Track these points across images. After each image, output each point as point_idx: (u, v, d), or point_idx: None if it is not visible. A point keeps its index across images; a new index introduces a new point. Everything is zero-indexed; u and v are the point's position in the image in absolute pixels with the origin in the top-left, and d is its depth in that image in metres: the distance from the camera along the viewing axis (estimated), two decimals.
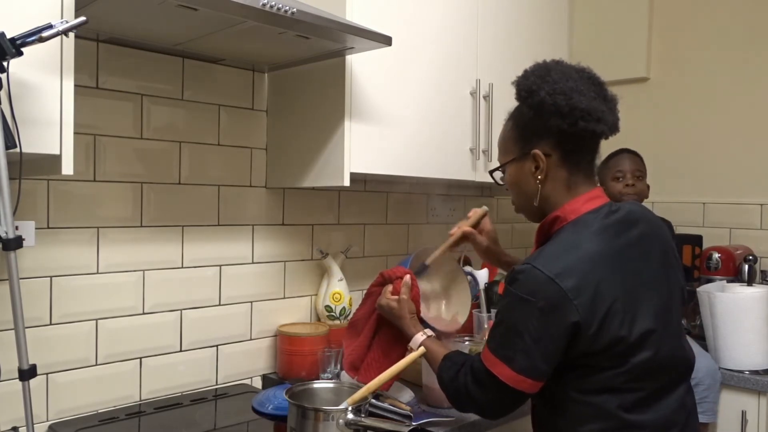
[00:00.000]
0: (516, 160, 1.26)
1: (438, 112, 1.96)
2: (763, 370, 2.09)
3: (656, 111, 2.90)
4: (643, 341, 1.11)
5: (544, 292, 1.09)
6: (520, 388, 1.14)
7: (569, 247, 1.14)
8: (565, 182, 1.22)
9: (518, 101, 1.24)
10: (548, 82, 1.17)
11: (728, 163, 2.71)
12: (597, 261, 1.12)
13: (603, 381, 1.12)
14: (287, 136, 1.90)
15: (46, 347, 1.54)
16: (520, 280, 1.13)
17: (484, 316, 1.98)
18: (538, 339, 1.10)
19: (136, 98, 1.68)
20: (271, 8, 1.32)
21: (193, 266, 1.80)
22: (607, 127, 1.18)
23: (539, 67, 1.22)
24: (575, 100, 1.15)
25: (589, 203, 1.20)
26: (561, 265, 1.10)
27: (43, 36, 1.07)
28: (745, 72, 2.66)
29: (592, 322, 1.08)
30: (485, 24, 2.12)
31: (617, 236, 1.16)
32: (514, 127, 1.27)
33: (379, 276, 1.63)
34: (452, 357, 1.32)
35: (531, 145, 1.22)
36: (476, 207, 1.64)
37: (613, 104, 1.22)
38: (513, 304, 1.14)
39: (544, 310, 1.09)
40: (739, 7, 2.67)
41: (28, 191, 1.50)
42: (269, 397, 1.66)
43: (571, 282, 1.08)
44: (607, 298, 1.09)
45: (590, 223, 1.17)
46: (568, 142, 1.20)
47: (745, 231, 2.66)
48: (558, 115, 1.16)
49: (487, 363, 1.17)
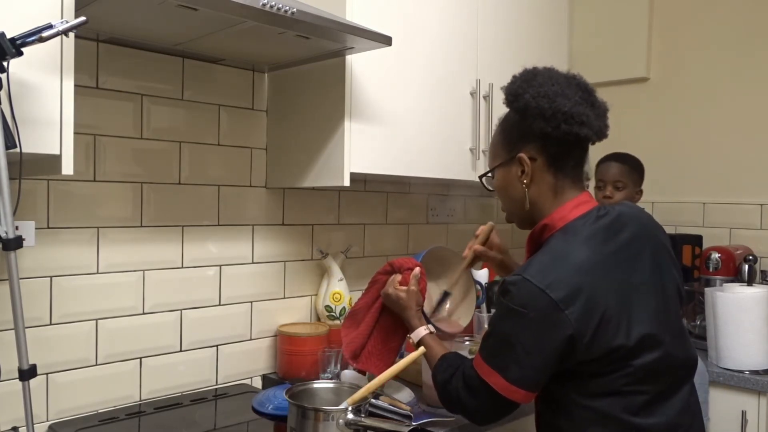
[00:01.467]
0: (503, 165, 1.26)
1: (438, 112, 1.97)
2: (763, 370, 2.09)
3: (656, 111, 2.89)
4: (643, 345, 1.11)
5: (535, 303, 1.09)
6: (512, 398, 1.14)
7: (559, 257, 1.13)
8: (552, 187, 1.22)
9: (506, 106, 1.25)
10: (533, 86, 1.18)
11: (728, 163, 2.70)
12: (587, 270, 1.11)
13: (606, 384, 1.12)
14: (287, 136, 1.90)
15: (46, 347, 1.54)
16: (512, 292, 1.12)
17: (484, 316, 1.99)
18: (531, 351, 1.10)
19: (136, 98, 1.68)
20: (271, 8, 1.32)
21: (193, 266, 1.80)
22: (592, 131, 1.18)
23: (526, 72, 1.23)
24: (558, 103, 1.15)
25: (576, 209, 1.20)
26: (552, 276, 1.10)
27: (43, 36, 1.07)
28: (745, 72, 2.65)
29: (585, 331, 1.08)
30: (485, 24, 2.12)
31: (606, 242, 1.16)
32: (501, 132, 1.28)
33: (387, 265, 1.63)
34: (449, 358, 1.32)
35: (517, 149, 1.23)
36: (476, 207, 1.64)
37: (602, 111, 1.22)
38: (505, 315, 1.14)
39: (536, 321, 1.09)
40: (739, 7, 2.67)
41: (28, 191, 1.50)
42: (269, 397, 1.66)
43: (562, 292, 1.08)
44: (599, 306, 1.09)
45: (579, 229, 1.17)
46: (552, 146, 1.20)
47: (745, 231, 2.66)
48: (541, 118, 1.16)
49: (480, 371, 1.17)
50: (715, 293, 2.15)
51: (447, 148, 2.00)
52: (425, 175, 1.95)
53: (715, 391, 2.13)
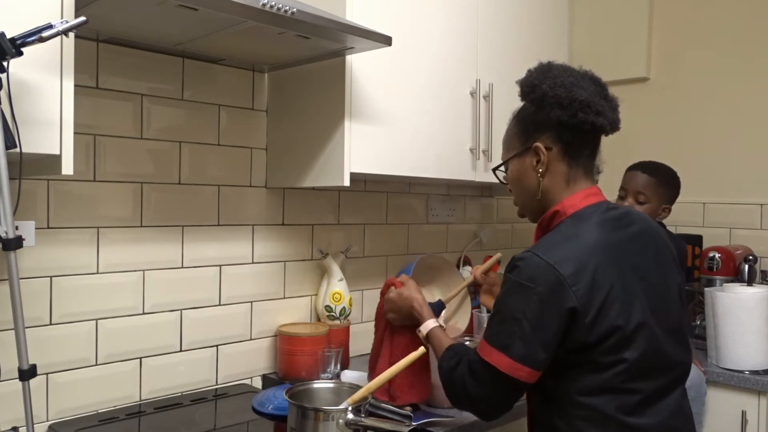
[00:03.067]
0: (518, 156, 1.29)
1: (438, 112, 1.97)
2: (763, 370, 2.09)
3: (656, 111, 2.89)
4: (636, 334, 1.12)
5: (543, 277, 1.11)
6: (517, 377, 1.13)
7: (568, 237, 1.16)
8: (565, 177, 1.25)
9: (521, 99, 1.28)
10: (549, 77, 1.21)
11: (728, 163, 2.70)
12: (595, 250, 1.14)
13: (601, 381, 1.12)
14: (287, 136, 1.90)
15: (46, 347, 1.54)
16: (520, 267, 1.14)
17: (484, 316, 1.99)
18: (537, 325, 1.11)
19: (136, 98, 1.68)
20: (271, 8, 1.32)
21: (193, 266, 1.80)
22: (607, 122, 1.21)
23: (541, 66, 1.26)
24: (575, 92, 1.18)
25: (587, 199, 1.23)
26: (560, 252, 1.12)
27: (43, 36, 1.07)
28: (745, 72, 2.65)
29: (589, 309, 1.09)
30: (485, 24, 2.12)
31: (615, 230, 1.19)
32: (517, 123, 1.31)
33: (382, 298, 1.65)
34: (455, 348, 1.32)
35: (533, 138, 1.25)
36: (476, 207, 1.67)
37: (614, 104, 1.25)
38: (512, 290, 1.15)
39: (542, 296, 1.10)
40: (739, 7, 2.67)
41: (28, 191, 1.50)
42: (269, 397, 1.66)
43: (570, 269, 1.10)
44: (604, 286, 1.11)
45: (589, 216, 1.20)
46: (567, 135, 1.22)
47: (745, 231, 2.66)
48: (558, 106, 1.19)
49: (482, 353, 1.17)
50: (715, 293, 2.15)
51: (447, 148, 2.00)
52: (425, 175, 1.95)
53: (715, 391, 2.13)
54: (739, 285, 2.22)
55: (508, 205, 2.79)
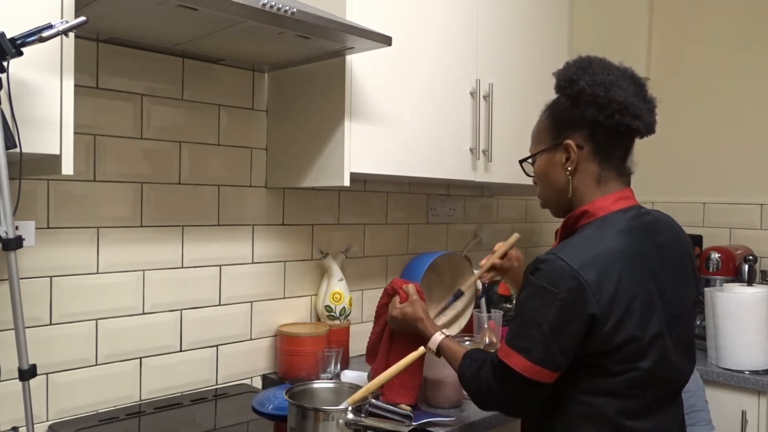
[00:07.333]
0: (547, 150, 1.25)
1: (438, 112, 1.96)
2: (763, 370, 2.09)
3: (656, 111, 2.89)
4: (650, 345, 1.11)
5: (566, 283, 1.09)
6: (536, 379, 1.12)
7: (594, 242, 1.14)
8: (596, 177, 1.21)
9: (557, 92, 1.24)
10: (589, 74, 1.18)
11: (728, 163, 2.71)
12: (619, 259, 1.12)
13: (607, 384, 1.12)
14: (287, 136, 1.90)
15: (46, 347, 1.54)
16: (543, 270, 1.12)
17: (484, 316, 1.98)
18: (557, 330, 1.10)
19: (136, 98, 1.68)
20: (271, 8, 1.32)
21: (193, 266, 1.80)
22: (643, 125, 1.18)
23: (581, 60, 1.23)
24: (614, 92, 1.15)
25: (618, 203, 1.20)
26: (585, 258, 1.10)
27: (43, 36, 1.07)
28: (745, 72, 2.66)
29: (608, 319, 1.08)
30: (485, 24, 2.11)
31: (641, 239, 1.17)
32: (549, 117, 1.27)
33: (384, 295, 1.65)
34: (473, 355, 1.30)
35: (564, 135, 1.22)
36: (476, 207, 1.66)
37: (652, 106, 1.22)
38: (534, 293, 1.13)
39: (564, 302, 1.09)
40: (740, 7, 2.67)
41: (28, 191, 1.50)
42: (269, 397, 1.66)
43: (593, 275, 1.08)
44: (625, 298, 1.10)
45: (617, 222, 1.17)
46: (601, 135, 1.19)
47: (745, 231, 2.67)
48: (595, 105, 1.16)
49: (502, 355, 1.16)
50: (715, 293, 2.15)
51: (447, 148, 2.00)
52: (425, 175, 1.95)
53: (715, 391, 2.13)
54: (739, 285, 2.22)
55: (508, 205, 2.79)
